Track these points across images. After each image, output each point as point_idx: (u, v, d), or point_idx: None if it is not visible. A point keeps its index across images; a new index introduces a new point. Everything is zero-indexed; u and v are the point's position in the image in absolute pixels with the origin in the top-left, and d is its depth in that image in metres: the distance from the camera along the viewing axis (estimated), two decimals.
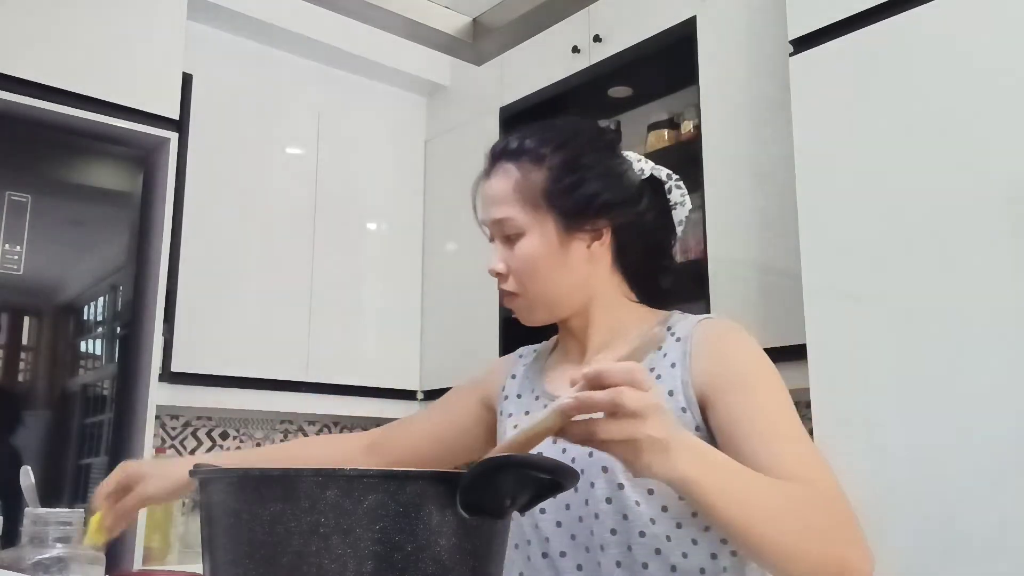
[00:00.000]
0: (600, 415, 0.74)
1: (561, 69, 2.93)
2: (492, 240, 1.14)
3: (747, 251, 2.34)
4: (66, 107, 2.36)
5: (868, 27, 1.91)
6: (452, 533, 0.67)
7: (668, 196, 1.17)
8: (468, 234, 3.30)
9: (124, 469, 1.14)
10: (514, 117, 3.05)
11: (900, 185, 1.81)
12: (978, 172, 1.70)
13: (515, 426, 1.16)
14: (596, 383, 0.73)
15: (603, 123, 2.94)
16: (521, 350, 1.31)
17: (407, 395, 3.27)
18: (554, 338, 1.26)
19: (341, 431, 3.51)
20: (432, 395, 3.26)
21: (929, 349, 1.72)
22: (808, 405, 1.89)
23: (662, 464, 0.76)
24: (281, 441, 3.36)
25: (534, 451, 0.77)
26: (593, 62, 2.84)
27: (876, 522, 1.72)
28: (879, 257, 1.82)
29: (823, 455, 0.95)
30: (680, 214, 1.18)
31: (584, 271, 1.11)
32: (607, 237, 1.12)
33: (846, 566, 0.85)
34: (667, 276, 1.20)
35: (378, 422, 3.53)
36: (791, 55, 2.05)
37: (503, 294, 1.13)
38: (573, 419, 0.74)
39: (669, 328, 1.10)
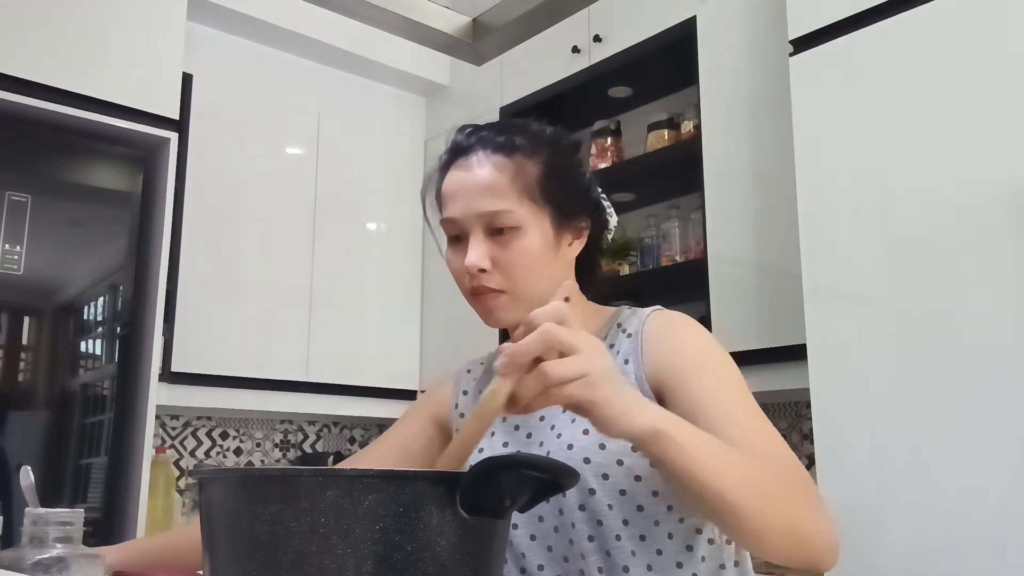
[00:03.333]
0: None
1: (561, 69, 2.93)
2: (455, 238, 1.09)
3: (747, 251, 2.34)
4: (66, 107, 2.36)
5: (868, 27, 1.91)
6: (452, 533, 0.67)
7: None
8: None
9: None
10: (514, 117, 3.05)
11: (900, 185, 1.81)
12: (978, 172, 1.70)
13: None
14: (526, 334, 0.74)
15: (602, 123, 2.96)
16: (467, 364, 1.27)
17: (407, 395, 3.27)
18: (500, 347, 1.25)
19: (341, 431, 3.51)
20: None
21: (929, 349, 1.72)
22: (808, 405, 1.89)
23: (623, 410, 0.75)
24: (280, 441, 3.36)
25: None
26: (593, 62, 2.84)
27: (876, 522, 1.73)
28: (879, 257, 1.82)
29: (782, 437, 0.95)
30: (610, 224, 1.18)
31: (564, 269, 1.11)
32: (585, 236, 1.12)
33: (808, 536, 0.83)
34: (599, 279, 1.20)
35: (378, 422, 3.54)
36: (791, 55, 2.05)
37: (479, 292, 1.05)
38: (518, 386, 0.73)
39: (620, 325, 1.09)
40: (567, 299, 0.82)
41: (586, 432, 1.00)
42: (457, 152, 1.10)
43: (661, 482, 0.99)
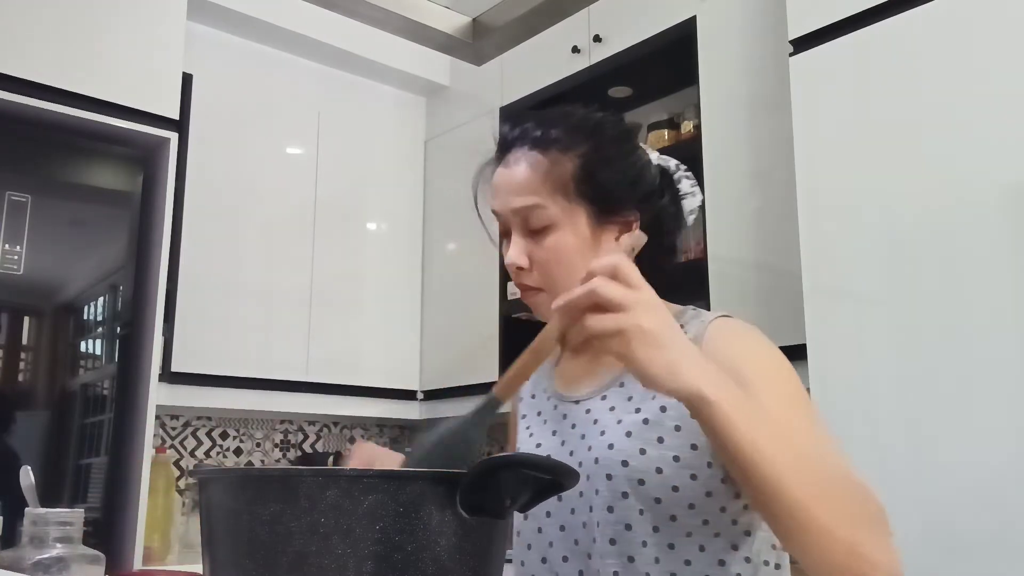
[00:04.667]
0: None
1: (561, 69, 2.93)
2: (504, 233, 1.08)
3: (747, 251, 2.34)
4: (66, 107, 2.36)
5: (868, 27, 1.91)
6: (452, 533, 0.67)
7: (678, 187, 1.14)
8: (468, 234, 3.31)
9: (364, 450, 1.04)
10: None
11: (900, 185, 1.81)
12: (978, 172, 1.70)
13: (527, 427, 1.16)
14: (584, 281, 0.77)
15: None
16: None
17: (407, 395, 3.27)
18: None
19: (341, 431, 3.51)
20: (432, 395, 3.26)
21: (929, 349, 1.72)
22: None
23: (667, 368, 0.74)
24: (281, 441, 3.36)
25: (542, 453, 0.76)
26: (593, 62, 2.84)
27: None
28: (879, 257, 1.82)
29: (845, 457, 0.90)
30: (690, 204, 1.14)
31: None
32: (635, 228, 1.08)
33: (864, 555, 0.79)
34: (671, 269, 1.16)
35: (378, 422, 3.54)
36: (791, 55, 2.05)
37: (522, 289, 1.07)
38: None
39: (682, 327, 1.06)
40: (634, 249, 0.83)
41: (629, 434, 0.99)
42: (500, 146, 1.12)
43: (700, 495, 0.97)
